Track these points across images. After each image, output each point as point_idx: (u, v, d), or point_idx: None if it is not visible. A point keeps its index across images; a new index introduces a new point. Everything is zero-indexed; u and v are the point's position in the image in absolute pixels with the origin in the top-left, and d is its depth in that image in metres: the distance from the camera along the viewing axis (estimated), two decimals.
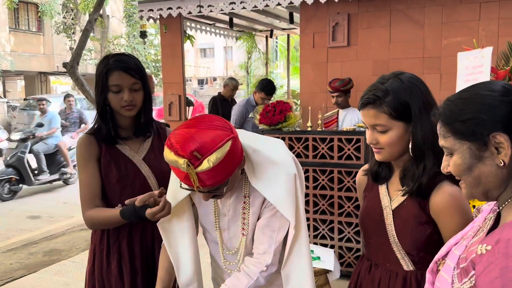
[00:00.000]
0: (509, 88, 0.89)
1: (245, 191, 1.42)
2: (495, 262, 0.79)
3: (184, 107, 5.45)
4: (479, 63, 2.60)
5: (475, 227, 1.00)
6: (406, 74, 1.33)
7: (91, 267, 1.77)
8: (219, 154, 1.17)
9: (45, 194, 7.35)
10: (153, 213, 1.45)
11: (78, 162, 1.72)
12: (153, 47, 19.25)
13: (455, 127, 0.91)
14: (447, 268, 0.95)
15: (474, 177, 0.91)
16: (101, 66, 1.68)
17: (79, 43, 5.74)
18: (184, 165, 1.15)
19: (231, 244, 1.48)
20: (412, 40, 4.14)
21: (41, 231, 5.30)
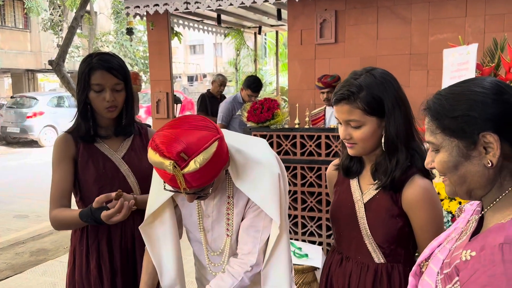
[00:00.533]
0: (502, 87, 0.86)
1: (228, 192, 1.40)
2: (481, 269, 0.76)
3: (172, 104, 5.41)
4: (465, 60, 2.61)
5: (458, 229, 0.98)
6: (378, 70, 1.34)
7: (71, 269, 1.75)
8: (206, 155, 1.15)
9: (33, 193, 7.27)
10: (108, 216, 1.44)
11: (52, 161, 1.69)
12: (141, 43, 19.12)
13: (445, 123, 0.87)
14: (431, 272, 0.93)
15: (459, 176, 0.88)
16: (84, 64, 1.66)
17: (65, 41, 5.67)
18: (170, 167, 1.13)
19: (216, 245, 1.47)
20: (399, 36, 4.15)
21: (28, 231, 5.24)
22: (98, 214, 1.46)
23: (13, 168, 9.77)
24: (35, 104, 13.57)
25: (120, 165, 1.70)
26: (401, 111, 1.29)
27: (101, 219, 1.46)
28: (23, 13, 18.10)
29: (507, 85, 0.87)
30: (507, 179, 0.86)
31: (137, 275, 1.72)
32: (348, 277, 1.39)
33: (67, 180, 1.66)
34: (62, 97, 14.55)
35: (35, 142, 13.51)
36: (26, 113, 13.25)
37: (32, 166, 10.00)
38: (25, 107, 13.55)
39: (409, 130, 1.32)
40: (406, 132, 1.30)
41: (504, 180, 0.86)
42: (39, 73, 21.12)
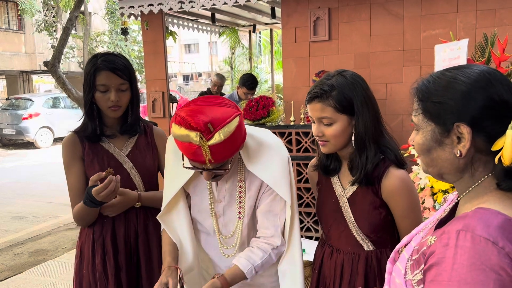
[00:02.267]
0: (489, 79, 0.83)
1: (240, 176, 1.47)
2: (436, 251, 0.79)
3: (168, 103, 5.42)
4: (456, 55, 2.65)
5: (435, 219, 1.01)
6: (348, 72, 1.43)
7: (78, 263, 1.81)
8: (229, 127, 1.21)
9: (30, 194, 7.27)
10: (97, 191, 1.53)
11: (64, 163, 1.76)
12: (136, 43, 19.07)
13: (426, 106, 0.88)
14: (402, 258, 0.96)
15: (431, 159, 0.91)
16: (89, 65, 1.70)
17: (60, 41, 5.66)
18: (196, 138, 1.18)
19: (227, 229, 1.52)
20: (392, 33, 4.18)
21: (26, 232, 5.26)
22: (90, 191, 1.54)
23: (10, 170, 9.76)
24: (30, 105, 13.54)
25: (125, 163, 1.75)
26: (369, 110, 1.38)
27: (94, 198, 1.54)
28: (17, 14, 18.02)
29: (498, 78, 0.84)
30: (479, 170, 0.87)
31: (140, 272, 1.77)
32: (341, 267, 1.46)
33: (81, 181, 1.73)
34: (58, 98, 14.52)
35: (31, 143, 13.49)
36: (21, 114, 13.22)
37: (29, 167, 9.99)
38: (21, 108, 13.52)
39: (377, 128, 1.40)
40: (375, 130, 1.39)
41: (476, 171, 0.87)
42: (34, 75, 21.04)
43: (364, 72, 4.28)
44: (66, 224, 5.50)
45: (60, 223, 5.57)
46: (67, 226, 5.42)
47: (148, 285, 1.78)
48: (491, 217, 0.79)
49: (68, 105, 14.33)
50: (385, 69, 4.19)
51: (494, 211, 0.80)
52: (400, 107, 4.16)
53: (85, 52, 16.67)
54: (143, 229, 1.78)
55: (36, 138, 13.34)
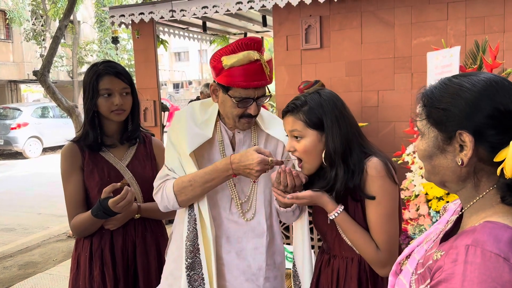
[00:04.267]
0: (495, 87, 0.82)
1: (254, 141, 1.59)
2: (444, 267, 0.77)
3: (159, 112, 5.40)
4: (448, 62, 2.67)
5: (437, 230, 0.99)
6: (325, 90, 1.49)
7: (74, 274, 1.78)
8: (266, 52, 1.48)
9: (19, 205, 7.16)
10: (115, 201, 1.53)
11: (62, 174, 1.74)
12: (126, 52, 19.02)
13: (430, 112, 0.88)
14: (406, 272, 0.94)
15: (433, 166, 0.90)
16: (90, 72, 1.71)
17: (50, 51, 5.61)
18: (257, 55, 1.41)
19: (243, 193, 1.58)
20: (383, 40, 4.21)
21: (16, 244, 5.16)
22: (106, 203, 1.55)
23: None
24: (19, 115, 13.38)
25: (124, 173, 1.74)
26: (341, 128, 1.40)
27: (109, 208, 1.54)
28: (5, 23, 17.89)
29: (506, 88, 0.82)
30: (482, 181, 0.85)
31: (138, 283, 1.75)
32: (336, 273, 1.48)
33: (79, 192, 1.72)
34: (47, 108, 14.39)
35: (20, 153, 13.32)
36: (9, 124, 13.06)
37: (17, 178, 9.85)
38: (9, 118, 13.35)
39: (350, 146, 1.41)
40: (345, 148, 1.40)
41: (479, 182, 0.85)
42: (22, 84, 20.86)
43: (356, 79, 4.30)
44: (56, 235, 5.42)
45: (50, 234, 5.48)
46: (57, 237, 5.34)
47: None
48: (500, 231, 0.77)
49: (57, 114, 14.20)
50: (376, 77, 4.21)
51: (503, 225, 0.79)
52: (392, 114, 4.18)
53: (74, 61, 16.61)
54: (141, 240, 1.76)
55: (24, 148, 13.18)
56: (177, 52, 33.10)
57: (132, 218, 1.74)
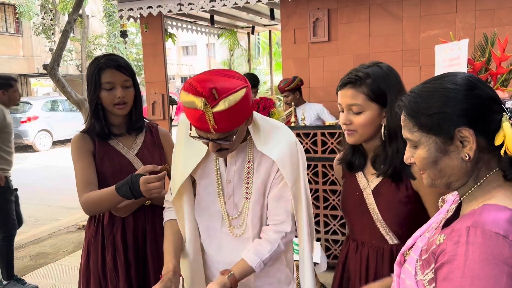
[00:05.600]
0: (474, 82, 0.89)
1: (249, 157, 1.48)
2: (447, 249, 0.80)
3: (167, 106, 5.43)
4: (456, 55, 2.66)
5: (439, 219, 1.02)
6: (384, 64, 1.41)
7: (85, 261, 1.82)
8: (235, 97, 1.22)
9: (29, 197, 7.27)
10: (148, 180, 1.51)
11: (72, 157, 1.76)
12: (134, 46, 19.08)
13: (422, 121, 0.90)
14: (411, 260, 0.96)
15: (439, 170, 0.92)
16: (92, 66, 1.74)
17: (59, 44, 5.66)
18: (201, 104, 1.20)
19: (235, 210, 1.52)
20: (391, 33, 4.20)
21: (27, 235, 5.24)
22: (137, 179, 1.52)
23: None
24: (29, 108, 13.51)
25: (134, 162, 1.78)
26: None
27: (137, 185, 1.52)
28: (15, 18, 18.01)
29: (478, 80, 0.91)
30: (482, 170, 0.90)
31: (147, 269, 1.79)
32: (366, 261, 1.45)
33: (90, 170, 1.73)
34: (56, 101, 14.51)
35: (30, 147, 13.46)
36: (20, 118, 13.18)
37: (28, 171, 9.98)
38: (19, 112, 13.48)
39: None
40: None
41: (480, 171, 0.90)
42: (32, 78, 21.03)
43: None
44: (66, 227, 5.49)
45: (60, 226, 5.55)
46: (68, 229, 5.42)
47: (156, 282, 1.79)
48: (498, 212, 0.81)
49: (67, 108, 14.32)
50: None
51: (501, 206, 0.82)
52: None
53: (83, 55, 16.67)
54: (151, 227, 1.80)
55: (35, 141, 13.32)
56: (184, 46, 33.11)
57: (143, 204, 1.77)
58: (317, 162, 3.45)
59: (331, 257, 3.50)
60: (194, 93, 1.21)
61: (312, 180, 3.49)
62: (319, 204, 3.50)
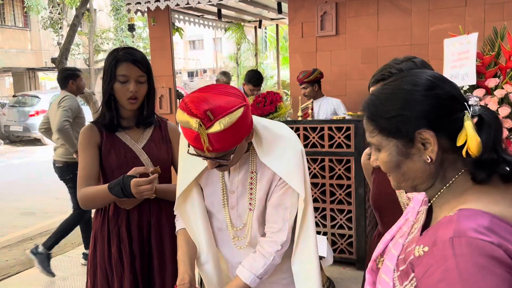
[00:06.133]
0: (434, 82, 0.85)
1: (252, 167, 1.45)
2: (435, 265, 0.76)
3: (174, 99, 5.44)
4: (465, 49, 2.64)
5: (409, 222, 0.98)
6: (418, 58, 1.39)
7: (92, 252, 1.85)
8: (231, 118, 1.19)
9: (38, 190, 7.33)
10: (138, 183, 1.55)
11: (79, 148, 1.80)
12: (141, 40, 19.11)
13: (381, 125, 0.88)
14: (387, 269, 0.92)
15: (402, 174, 0.89)
16: (110, 57, 1.77)
17: (67, 38, 5.69)
18: (195, 125, 1.17)
19: (240, 221, 1.51)
20: (399, 27, 4.17)
21: (36, 227, 5.30)
22: (128, 181, 1.57)
23: (18, 167, 9.84)
24: (37, 102, 13.61)
25: (140, 155, 1.79)
26: None
27: (129, 187, 1.57)
28: (23, 11, 18.09)
29: (441, 79, 0.87)
30: (448, 170, 0.87)
31: (152, 262, 1.81)
32: None
33: (93, 164, 1.77)
34: None
35: (38, 140, 13.57)
36: (28, 111, 13.29)
37: (36, 164, 10.07)
38: (28, 105, 13.59)
39: None
40: None
41: (446, 172, 0.87)
42: (40, 72, 21.15)
43: (372, 67, 4.27)
44: None
45: None
46: None
47: (160, 276, 1.82)
48: (477, 217, 0.77)
49: None
50: None
51: (478, 210, 0.79)
52: None
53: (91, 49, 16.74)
54: (156, 220, 1.82)
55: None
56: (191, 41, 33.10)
57: (147, 198, 1.79)
58: (324, 157, 3.45)
59: (337, 251, 3.51)
60: (189, 113, 1.18)
61: (319, 175, 3.49)
62: (326, 198, 3.50)
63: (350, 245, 3.50)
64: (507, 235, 0.75)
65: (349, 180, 3.39)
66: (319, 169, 3.49)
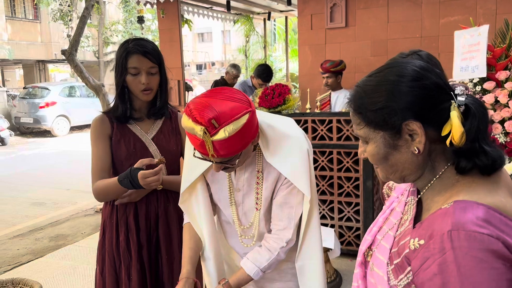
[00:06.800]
0: (420, 72, 0.84)
1: (258, 167, 1.45)
2: (431, 258, 0.75)
3: (183, 92, 5.46)
4: (476, 41, 2.62)
5: (397, 214, 0.98)
6: (423, 52, 1.39)
7: (101, 240, 1.89)
8: (235, 125, 1.19)
9: (48, 181, 7.42)
10: (145, 174, 1.57)
11: (91, 139, 1.82)
12: (150, 32, 19.12)
13: (368, 117, 0.87)
14: (380, 263, 0.91)
15: (390, 165, 0.89)
16: (121, 49, 1.77)
17: (77, 30, 5.71)
18: (200, 132, 1.18)
19: (246, 218, 1.52)
20: (410, 19, 4.14)
21: (46, 217, 5.37)
22: (136, 173, 1.59)
23: (28, 158, 9.95)
24: (47, 94, 13.72)
25: (149, 145, 1.81)
26: None
27: (137, 179, 1.59)
28: (33, 4, 18.18)
29: (427, 69, 0.86)
30: (437, 161, 0.86)
31: (160, 251, 1.83)
32: None
33: (105, 157, 1.78)
34: (74, 87, 14.69)
35: (48, 132, 13.70)
36: (38, 103, 13.41)
37: (46, 155, 10.17)
38: (38, 97, 13.71)
39: None
40: None
41: (435, 162, 0.87)
42: (50, 64, 21.28)
43: (381, 59, 4.25)
44: (84, 210, 5.61)
45: (78, 209, 5.67)
46: (85, 212, 5.53)
47: (167, 265, 1.84)
48: (473, 209, 0.76)
49: (84, 94, 14.49)
50: None
51: (473, 202, 0.78)
52: None
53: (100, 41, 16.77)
54: (163, 211, 1.84)
55: (53, 126, 13.54)
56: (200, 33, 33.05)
57: (155, 189, 1.81)
58: (332, 149, 3.45)
59: (345, 244, 3.52)
60: (194, 120, 1.19)
61: (327, 167, 3.49)
62: (334, 191, 3.51)
63: (358, 237, 3.50)
64: (503, 227, 0.75)
65: (357, 173, 3.39)
66: (327, 162, 3.49)
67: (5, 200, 6.32)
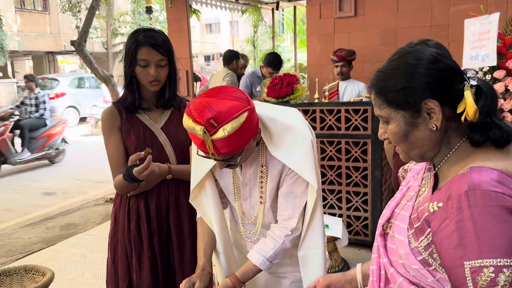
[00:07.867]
0: (437, 56, 0.93)
1: (262, 161, 1.47)
2: (449, 217, 0.83)
3: (191, 82, 5.47)
4: (486, 30, 2.59)
5: (415, 188, 1.05)
6: (432, 41, 1.41)
7: (113, 227, 1.91)
8: (234, 124, 1.21)
9: (58, 171, 7.50)
10: (138, 171, 1.60)
11: (103, 133, 1.85)
12: (158, 23, 19.12)
13: (389, 98, 0.95)
14: (400, 230, 0.99)
15: (410, 143, 0.96)
16: (131, 40, 1.76)
17: (86, 21, 5.73)
18: (200, 132, 1.20)
19: (252, 212, 1.54)
20: (419, 8, 4.09)
21: (57, 207, 5.45)
22: (131, 171, 1.62)
23: None
24: (56, 85, 13.81)
25: (159, 135, 1.82)
26: None
27: (135, 177, 1.63)
28: None
29: (439, 53, 0.94)
30: (452, 137, 0.94)
31: (171, 240, 1.85)
32: None
33: (120, 151, 1.82)
34: (83, 78, 14.76)
35: None
36: (48, 94, 13.46)
37: None
38: (47, 88, 13.79)
39: None
40: None
41: (450, 138, 0.95)
42: (59, 55, 21.39)
43: (391, 48, 4.21)
44: (94, 200, 5.67)
45: (88, 199, 5.74)
46: (95, 201, 5.59)
47: (179, 255, 1.85)
48: (487, 173, 0.84)
49: (93, 85, 14.56)
50: None
51: (487, 167, 0.85)
52: None
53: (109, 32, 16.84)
54: (174, 200, 1.85)
55: (62, 117, 13.63)
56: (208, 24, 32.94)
57: (165, 178, 1.82)
58: (340, 139, 3.45)
59: (353, 233, 3.53)
60: (193, 120, 1.22)
61: (335, 157, 3.50)
62: (342, 180, 3.51)
63: (366, 227, 3.51)
64: None
65: (366, 163, 3.39)
66: (336, 152, 3.49)
67: (17, 189, 6.41)
